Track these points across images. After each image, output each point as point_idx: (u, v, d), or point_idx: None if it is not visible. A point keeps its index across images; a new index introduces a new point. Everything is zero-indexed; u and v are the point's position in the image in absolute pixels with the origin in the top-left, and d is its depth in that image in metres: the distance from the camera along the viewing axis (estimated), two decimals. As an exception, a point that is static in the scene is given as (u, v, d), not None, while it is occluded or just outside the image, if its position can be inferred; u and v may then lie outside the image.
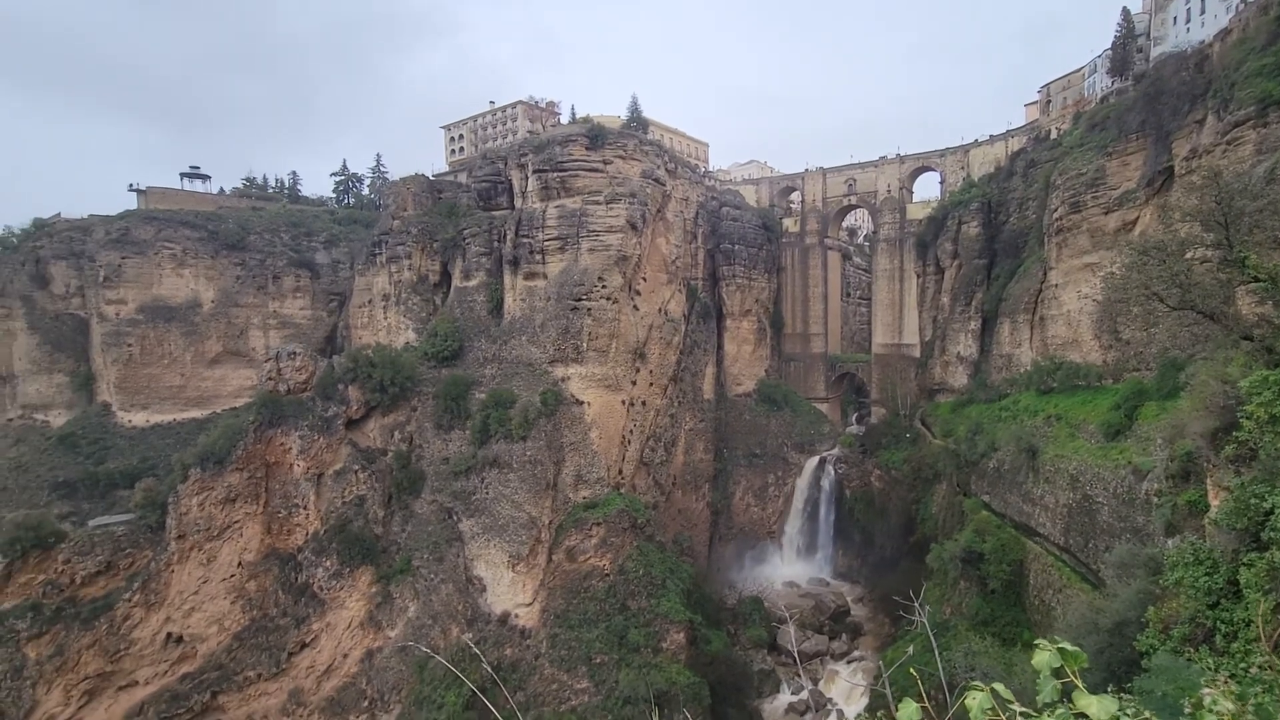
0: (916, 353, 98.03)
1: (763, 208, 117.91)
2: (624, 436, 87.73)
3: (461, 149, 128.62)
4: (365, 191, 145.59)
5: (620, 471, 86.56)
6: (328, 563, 71.90)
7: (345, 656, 71.00)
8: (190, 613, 66.44)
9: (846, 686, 69.35)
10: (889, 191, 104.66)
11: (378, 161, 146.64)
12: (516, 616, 69.47)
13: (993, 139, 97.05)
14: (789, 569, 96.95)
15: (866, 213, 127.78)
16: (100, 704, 62.10)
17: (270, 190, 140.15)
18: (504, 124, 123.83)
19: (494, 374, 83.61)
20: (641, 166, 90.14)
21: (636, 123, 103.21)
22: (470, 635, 67.56)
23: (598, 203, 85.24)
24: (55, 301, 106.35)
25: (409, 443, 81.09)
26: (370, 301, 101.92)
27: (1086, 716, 3.41)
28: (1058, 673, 3.67)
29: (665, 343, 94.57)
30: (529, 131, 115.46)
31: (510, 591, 70.00)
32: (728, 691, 67.03)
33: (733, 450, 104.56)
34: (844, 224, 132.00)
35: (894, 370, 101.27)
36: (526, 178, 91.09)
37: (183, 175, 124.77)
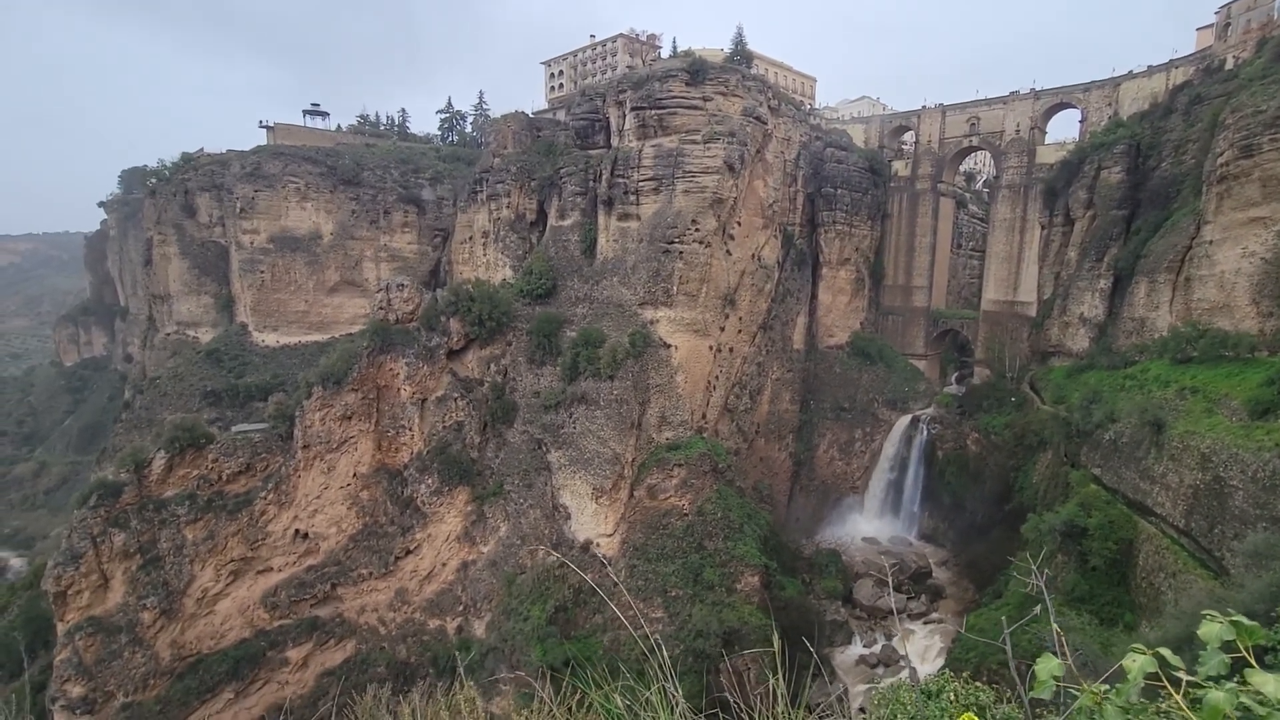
0: (1032, 311, 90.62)
1: (870, 149, 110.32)
2: (709, 382, 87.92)
3: (561, 85, 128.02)
4: (468, 129, 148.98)
5: (704, 416, 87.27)
6: (429, 480, 78.09)
7: (444, 565, 77.87)
8: (314, 514, 74.76)
9: (922, 645, 68.70)
10: (1017, 132, 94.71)
11: (480, 99, 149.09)
12: (598, 545, 73.10)
13: (1150, 70, 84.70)
14: (870, 525, 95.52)
15: (988, 156, 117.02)
16: (243, 583, 71.93)
17: (381, 127, 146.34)
18: (603, 59, 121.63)
19: (585, 313, 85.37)
20: (743, 104, 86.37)
21: (740, 56, 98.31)
22: (555, 558, 71.96)
23: (695, 142, 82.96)
24: (201, 230, 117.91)
25: (504, 375, 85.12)
26: (471, 238, 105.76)
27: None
28: (1227, 647, 3.43)
29: (757, 290, 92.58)
30: (628, 67, 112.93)
31: (593, 522, 73.51)
32: (798, 637, 68.15)
33: (820, 403, 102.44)
34: (961, 168, 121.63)
35: (1003, 329, 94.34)
36: (624, 115, 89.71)
37: (305, 112, 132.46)
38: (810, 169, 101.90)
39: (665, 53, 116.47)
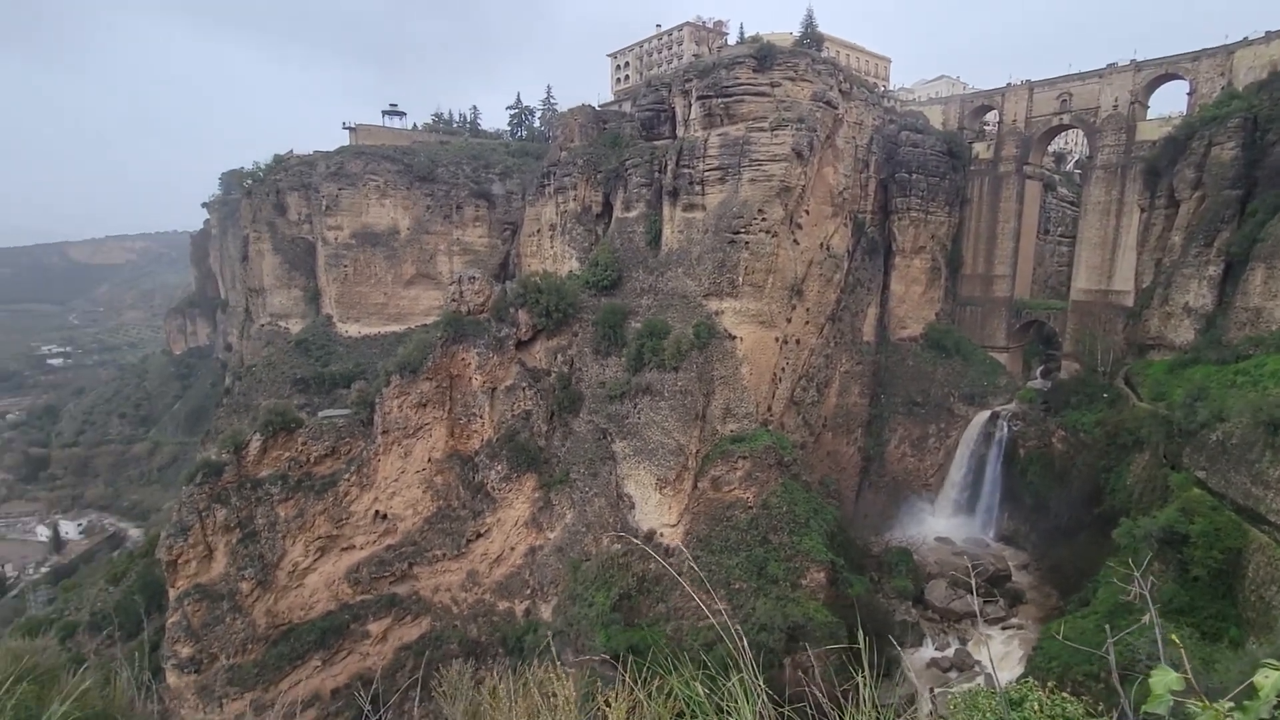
0: (1128, 301, 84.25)
1: (949, 131, 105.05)
2: (775, 374, 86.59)
3: (626, 77, 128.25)
4: (536, 124, 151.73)
5: (769, 409, 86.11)
6: (499, 467, 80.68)
7: (512, 549, 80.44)
8: (393, 496, 78.74)
9: (1000, 651, 65.65)
10: (1115, 107, 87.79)
11: (548, 93, 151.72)
12: (661, 535, 73.61)
13: (1268, 36, 76.52)
14: (943, 525, 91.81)
15: (1080, 135, 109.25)
16: (329, 559, 76.71)
17: (455, 125, 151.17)
18: (669, 49, 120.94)
19: (650, 304, 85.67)
20: (812, 88, 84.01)
21: (810, 40, 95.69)
22: (619, 546, 73.00)
23: (762, 129, 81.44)
24: (291, 227, 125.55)
25: (570, 365, 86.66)
26: (538, 231, 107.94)
27: None
28: None
29: (825, 280, 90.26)
30: (694, 55, 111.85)
31: (657, 512, 74.04)
32: (866, 635, 66.47)
33: (891, 396, 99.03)
34: (1050, 148, 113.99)
35: (1095, 320, 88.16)
36: (689, 105, 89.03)
37: (384, 112, 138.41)
38: (883, 154, 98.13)
39: (733, 39, 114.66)
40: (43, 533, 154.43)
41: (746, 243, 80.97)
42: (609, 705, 4.42)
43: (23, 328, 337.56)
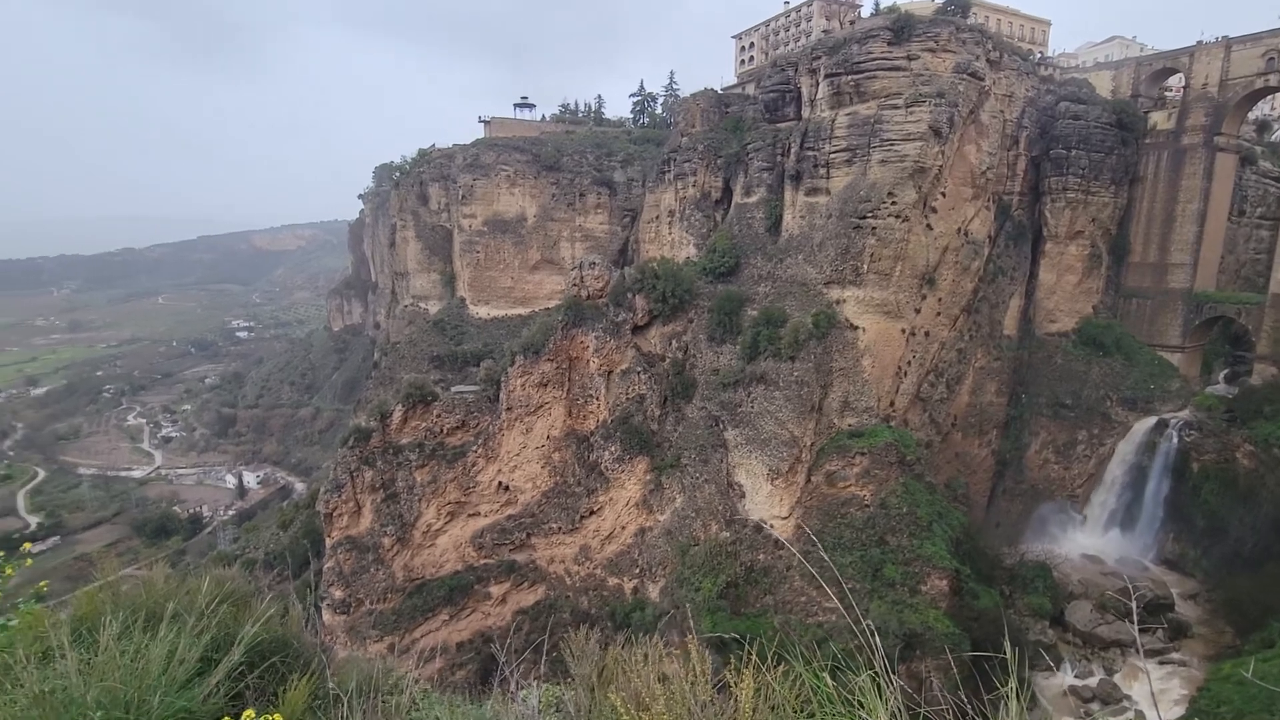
0: (1350, 296, 70.65)
1: (1119, 100, 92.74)
2: (900, 367, 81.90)
3: (751, 59, 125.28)
4: (659, 110, 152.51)
5: (892, 404, 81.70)
6: (613, 448, 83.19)
7: (623, 528, 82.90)
8: (514, 469, 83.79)
9: (1156, 688, 58.55)
10: (1344, 63, 73.28)
11: (670, 79, 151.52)
12: (771, 527, 72.58)
13: None
14: (1092, 541, 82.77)
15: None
16: (457, 523, 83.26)
17: (580, 114, 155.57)
18: (797, 26, 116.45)
19: (767, 292, 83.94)
20: (955, 59, 77.61)
21: (955, 6, 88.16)
22: (728, 534, 72.95)
23: (895, 107, 76.55)
24: (431, 215, 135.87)
25: (684, 351, 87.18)
26: (657, 217, 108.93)
27: None
28: None
29: (961, 268, 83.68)
30: (824, 31, 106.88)
31: (767, 503, 73.05)
32: (991, 652, 61.82)
33: (1033, 396, 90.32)
34: (1249, 115, 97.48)
35: (1303, 318, 74.84)
36: (816, 84, 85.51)
37: (515, 105, 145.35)
38: (1037, 128, 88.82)
39: (867, 11, 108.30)
40: (230, 481, 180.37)
41: (873, 228, 76.83)
42: (737, 683, 4.58)
43: (218, 305, 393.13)
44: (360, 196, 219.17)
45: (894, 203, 76.32)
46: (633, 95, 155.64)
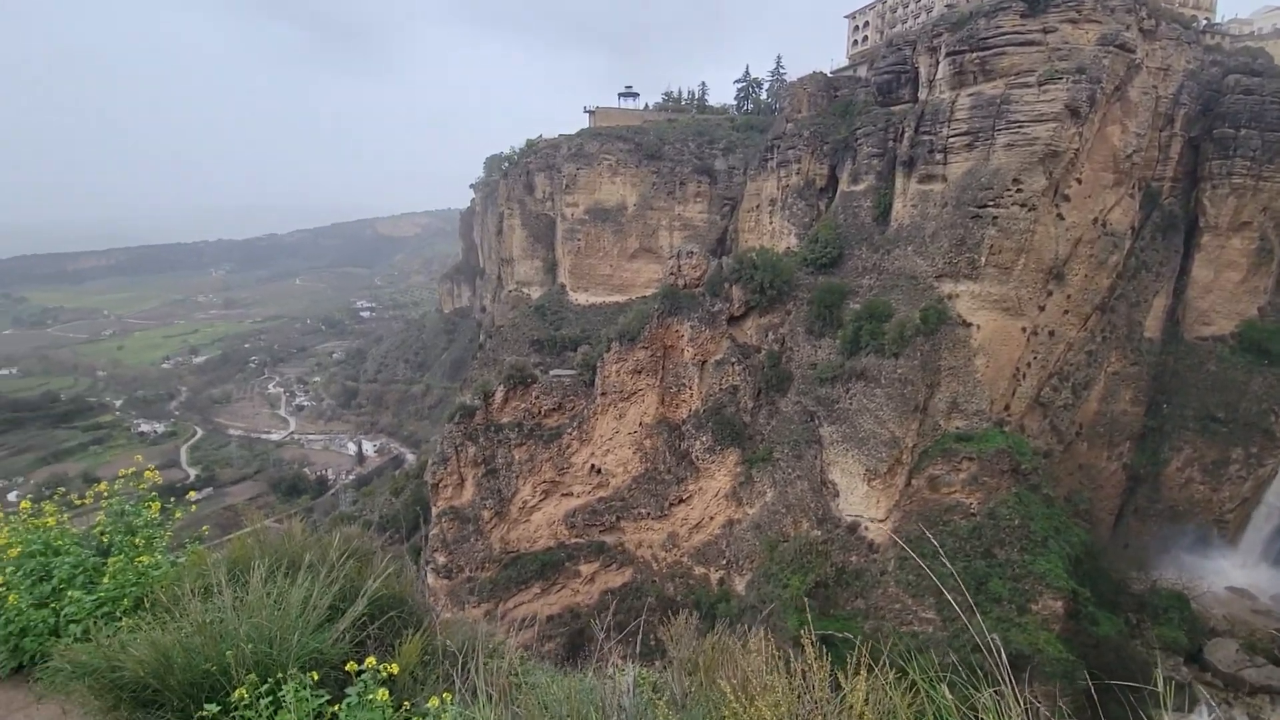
0: None
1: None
2: (1018, 369, 75.91)
3: (865, 39, 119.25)
4: (764, 96, 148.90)
5: (1007, 408, 75.98)
6: (704, 438, 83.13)
7: (711, 519, 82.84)
8: (607, 453, 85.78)
9: (1313, 746, 51.45)
10: None
11: (777, 64, 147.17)
12: (866, 529, 69.94)
13: None
14: (1242, 574, 73.45)
15: None
16: (550, 502, 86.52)
17: (683, 102, 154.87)
18: (916, 2, 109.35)
19: (872, 284, 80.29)
20: (1100, 30, 70.15)
21: (1103, -30, 79.30)
22: (819, 533, 71.08)
23: (1026, 85, 70.38)
24: (536, 204, 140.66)
25: (781, 344, 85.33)
26: (758, 206, 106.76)
27: None
28: None
29: (1096, 262, 76.09)
30: (948, 6, 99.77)
31: (863, 503, 70.39)
32: (1113, 684, 56.54)
33: (1177, 407, 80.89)
34: None
35: None
36: (936, 63, 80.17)
37: (619, 95, 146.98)
38: (1198, 105, 78.76)
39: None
40: (351, 448, 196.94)
41: (994, 218, 71.32)
42: (851, 685, 4.47)
43: (345, 286, 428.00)
44: (471, 186, 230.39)
45: (1019, 190, 70.41)
46: (737, 81, 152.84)
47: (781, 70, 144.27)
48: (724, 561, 79.47)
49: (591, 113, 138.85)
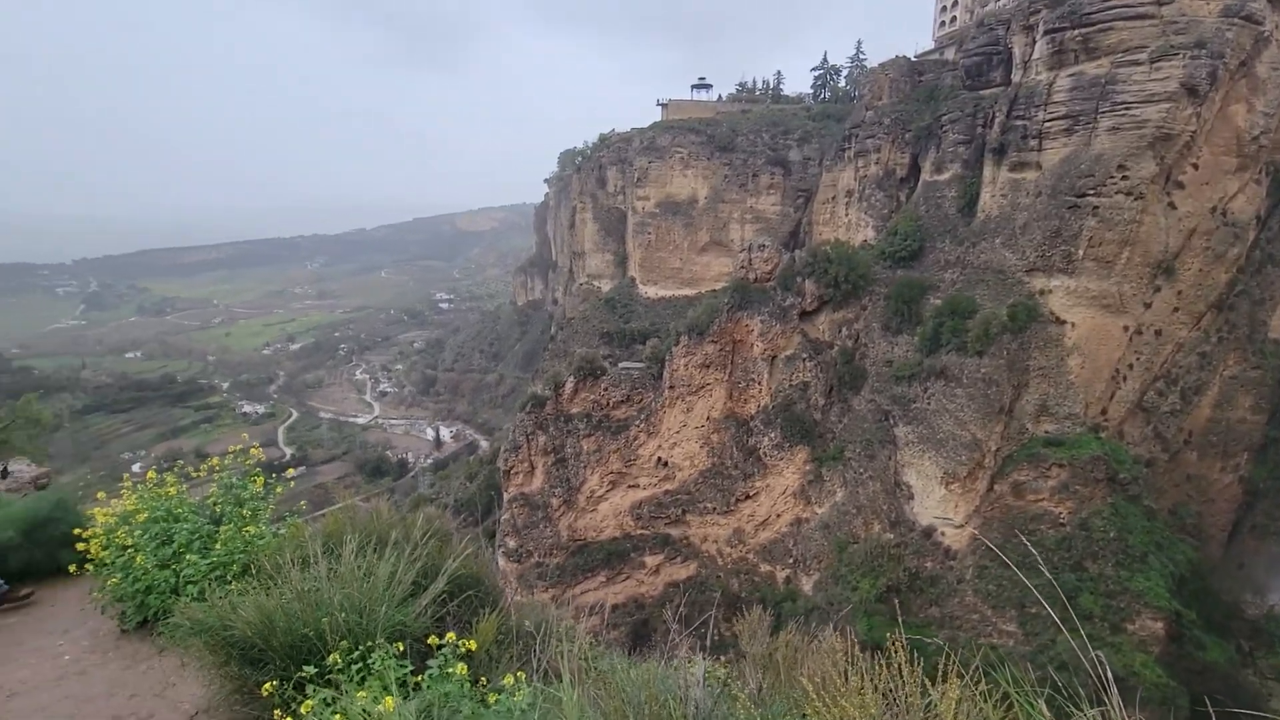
0: None
1: None
2: (1118, 370, 70.46)
3: (953, 19, 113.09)
4: (842, 83, 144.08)
5: (1104, 412, 70.71)
6: (772, 434, 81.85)
7: (778, 516, 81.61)
8: (674, 446, 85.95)
9: None
10: None
11: (857, 49, 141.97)
12: (943, 534, 67.02)
13: None
14: (1384, 604, 65.48)
15: None
16: (617, 493, 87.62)
17: (757, 93, 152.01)
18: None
19: (954, 279, 76.48)
20: (1222, 1, 63.64)
21: (1230, -67, 71.83)
22: (891, 536, 68.71)
23: (1135, 63, 64.84)
24: (608, 198, 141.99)
25: (855, 340, 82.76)
26: (834, 198, 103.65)
27: None
28: None
29: (1213, 255, 69.46)
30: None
31: (939, 507, 67.43)
32: (1219, 714, 51.93)
33: (1309, 416, 72.87)
34: None
35: None
36: (1032, 42, 75.15)
37: (692, 87, 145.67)
38: (1342, 79, 70.01)
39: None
40: (429, 433, 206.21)
41: (1095, 207, 66.27)
42: (942, 692, 4.22)
43: (426, 279, 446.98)
44: (545, 180, 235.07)
45: (1124, 177, 65.08)
46: (814, 69, 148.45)
47: (861, 56, 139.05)
48: (791, 560, 78.16)
49: (664, 106, 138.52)
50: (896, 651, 4.34)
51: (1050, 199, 69.28)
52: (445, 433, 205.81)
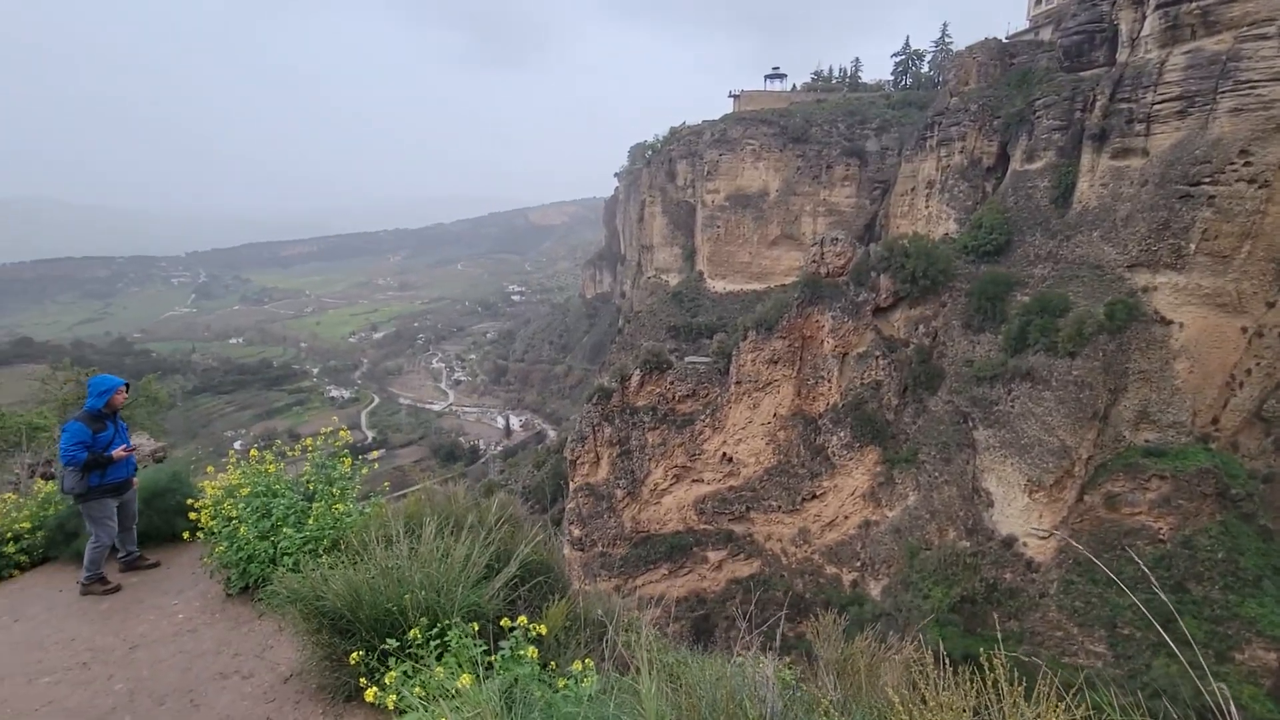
0: None
1: None
2: (1233, 376, 64.32)
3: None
4: (925, 69, 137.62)
5: (1214, 421, 64.77)
6: (841, 434, 79.63)
7: (846, 518, 79.43)
8: (739, 442, 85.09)
9: None
10: None
11: (942, 32, 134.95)
12: (1024, 545, 63.40)
13: None
14: None
15: None
16: (681, 487, 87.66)
17: (834, 81, 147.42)
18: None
19: (1045, 274, 71.86)
20: (1377, -38, 56.55)
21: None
22: (967, 544, 65.64)
23: (1264, 36, 58.67)
24: (677, 191, 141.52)
25: (932, 338, 79.28)
26: (913, 189, 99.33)
27: None
28: None
29: (1354, 249, 62.04)
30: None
31: (1022, 517, 63.78)
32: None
33: None
34: None
35: None
36: (1142, 18, 69.28)
37: (766, 77, 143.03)
38: None
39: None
40: (499, 421, 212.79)
41: (1210, 197, 60.56)
42: (1039, 714, 3.96)
43: (499, 272, 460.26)
44: (616, 174, 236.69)
45: (1247, 163, 59.10)
46: (895, 55, 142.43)
47: (947, 39, 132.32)
48: (858, 563, 76.00)
49: (736, 97, 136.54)
50: (994, 666, 4.09)
51: (1158, 188, 63.85)
52: (515, 421, 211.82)
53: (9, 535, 10.41)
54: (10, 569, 10.30)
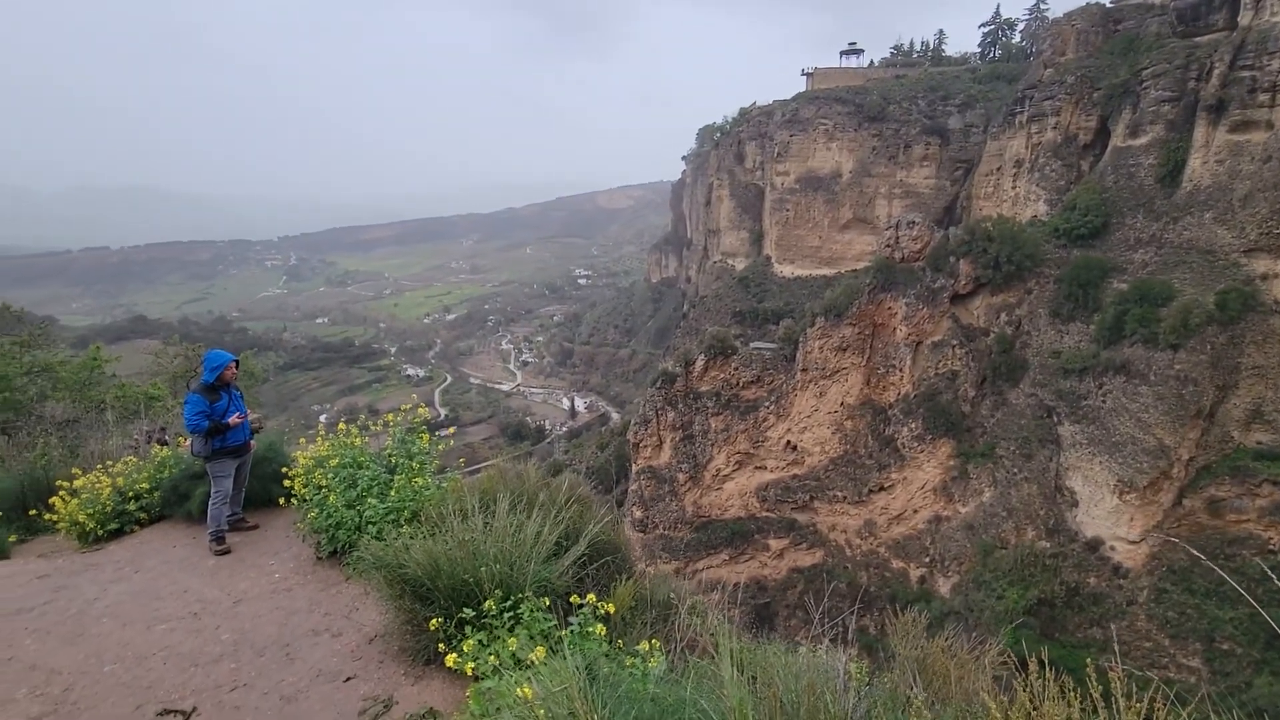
0: None
1: None
2: (1368, 374, 57.80)
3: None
4: (1017, 39, 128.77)
5: (1343, 423, 58.50)
6: (913, 425, 76.79)
7: (915, 512, 76.83)
8: (803, 431, 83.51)
9: None
10: None
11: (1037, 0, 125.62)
12: (1112, 549, 59.54)
13: None
14: None
15: None
16: (743, 473, 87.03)
17: (914, 55, 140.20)
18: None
19: (1146, 260, 66.47)
20: None
21: None
22: (1048, 545, 62.31)
23: None
24: (746, 174, 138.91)
25: (1015, 327, 74.99)
26: (999, 169, 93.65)
27: None
28: None
29: None
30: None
31: (1110, 520, 59.84)
32: None
33: None
34: None
35: None
36: (1274, -26, 62.24)
37: (841, 53, 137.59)
38: None
39: None
40: (565, 403, 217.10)
41: (1349, 174, 54.25)
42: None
43: (566, 255, 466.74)
44: (683, 158, 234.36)
45: (1397, 136, 52.48)
46: (983, 25, 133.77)
47: (1043, 6, 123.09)
48: (927, 559, 73.51)
49: (809, 75, 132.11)
50: (1114, 680, 3.83)
51: (1285, 165, 57.67)
52: (580, 403, 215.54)
53: (130, 495, 11.56)
54: (131, 525, 11.46)
